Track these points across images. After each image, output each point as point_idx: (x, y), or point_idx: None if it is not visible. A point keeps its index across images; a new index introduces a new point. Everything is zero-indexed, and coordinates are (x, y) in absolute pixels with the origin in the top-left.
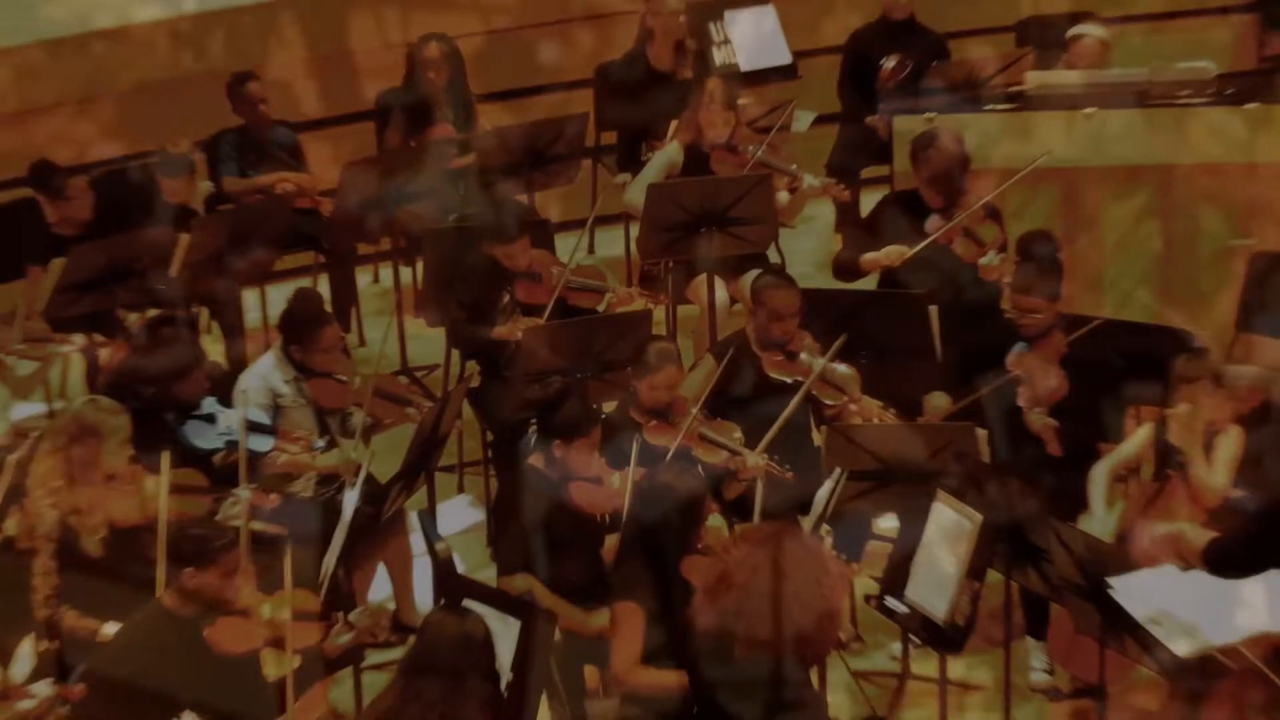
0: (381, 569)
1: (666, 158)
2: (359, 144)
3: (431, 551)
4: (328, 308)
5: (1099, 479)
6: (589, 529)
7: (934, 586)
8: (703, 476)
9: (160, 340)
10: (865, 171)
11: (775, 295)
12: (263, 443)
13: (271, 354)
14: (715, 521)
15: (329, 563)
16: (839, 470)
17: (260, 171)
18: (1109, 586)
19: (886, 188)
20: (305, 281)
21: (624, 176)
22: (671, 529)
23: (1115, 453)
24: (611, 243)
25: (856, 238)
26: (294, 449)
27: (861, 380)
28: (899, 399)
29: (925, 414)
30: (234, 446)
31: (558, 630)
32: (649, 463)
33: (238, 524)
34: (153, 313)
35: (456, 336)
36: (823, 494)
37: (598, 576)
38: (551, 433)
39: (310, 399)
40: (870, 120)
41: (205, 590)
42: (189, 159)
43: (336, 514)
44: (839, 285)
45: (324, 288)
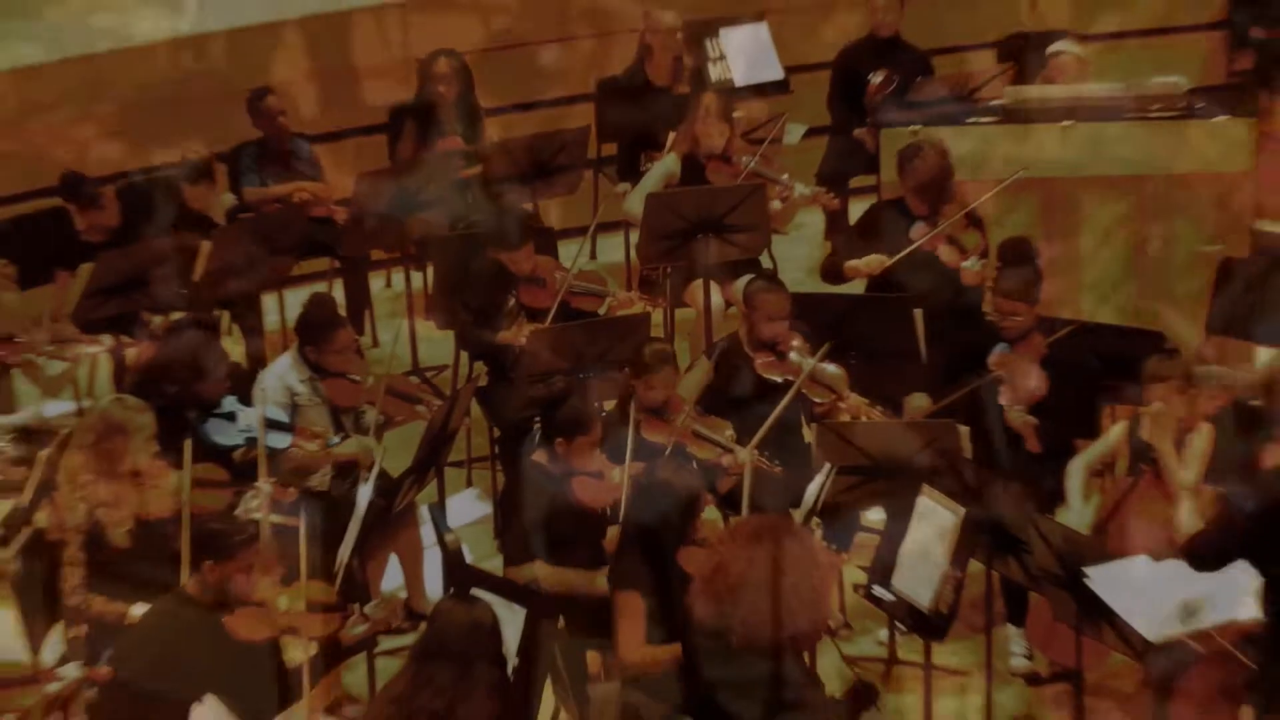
0: (394, 559)
1: (665, 168)
2: (360, 156)
3: (441, 543)
4: (341, 312)
5: (1075, 474)
6: (591, 521)
7: (919, 576)
8: (698, 472)
9: (183, 342)
10: (853, 181)
11: (765, 299)
12: (281, 439)
13: (288, 355)
14: (711, 514)
15: (344, 554)
16: (829, 466)
17: (279, 181)
18: (1085, 576)
19: (874, 196)
20: (321, 286)
21: (624, 186)
22: (669, 521)
23: (1091, 449)
24: (612, 249)
25: (847, 243)
26: (311, 446)
27: (850, 379)
28: (886, 397)
29: (906, 414)
30: (253, 443)
31: (561, 618)
32: (647, 458)
33: (257, 518)
34: (176, 315)
35: (464, 339)
36: (813, 488)
37: (599, 566)
38: (554, 430)
39: (325, 398)
40: (858, 132)
41: (224, 582)
42: (209, 164)
43: (351, 507)
44: (828, 289)
45: (339, 292)
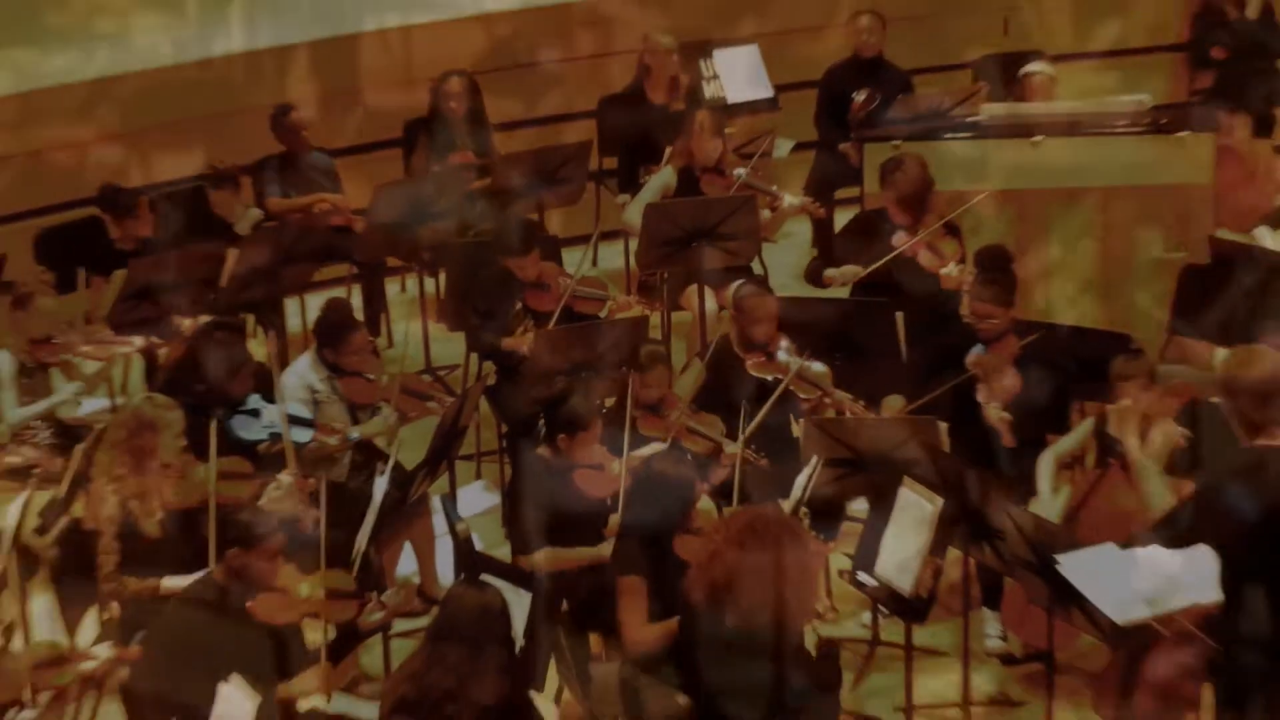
0: (408, 547)
1: (662, 180)
2: (369, 171)
3: (452, 531)
4: (359, 315)
5: (1046, 467)
6: (592, 510)
7: (900, 563)
8: (693, 464)
9: (211, 343)
10: (839, 192)
11: (754, 303)
12: (302, 434)
13: (308, 355)
14: (705, 505)
15: (361, 541)
16: (815, 459)
17: (300, 193)
18: (1056, 563)
19: (858, 207)
20: (340, 291)
21: (624, 197)
22: (666, 511)
23: (1061, 443)
24: (613, 256)
25: (841, 246)
26: (331, 440)
27: (835, 377)
28: (869, 395)
29: (883, 413)
30: (276, 438)
31: (565, 602)
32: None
33: (279, 509)
34: (204, 318)
35: (473, 340)
36: (801, 480)
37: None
38: (558, 426)
39: (343, 395)
40: (843, 147)
41: (248, 569)
42: (233, 173)
43: (368, 499)
44: (815, 293)
45: (357, 297)
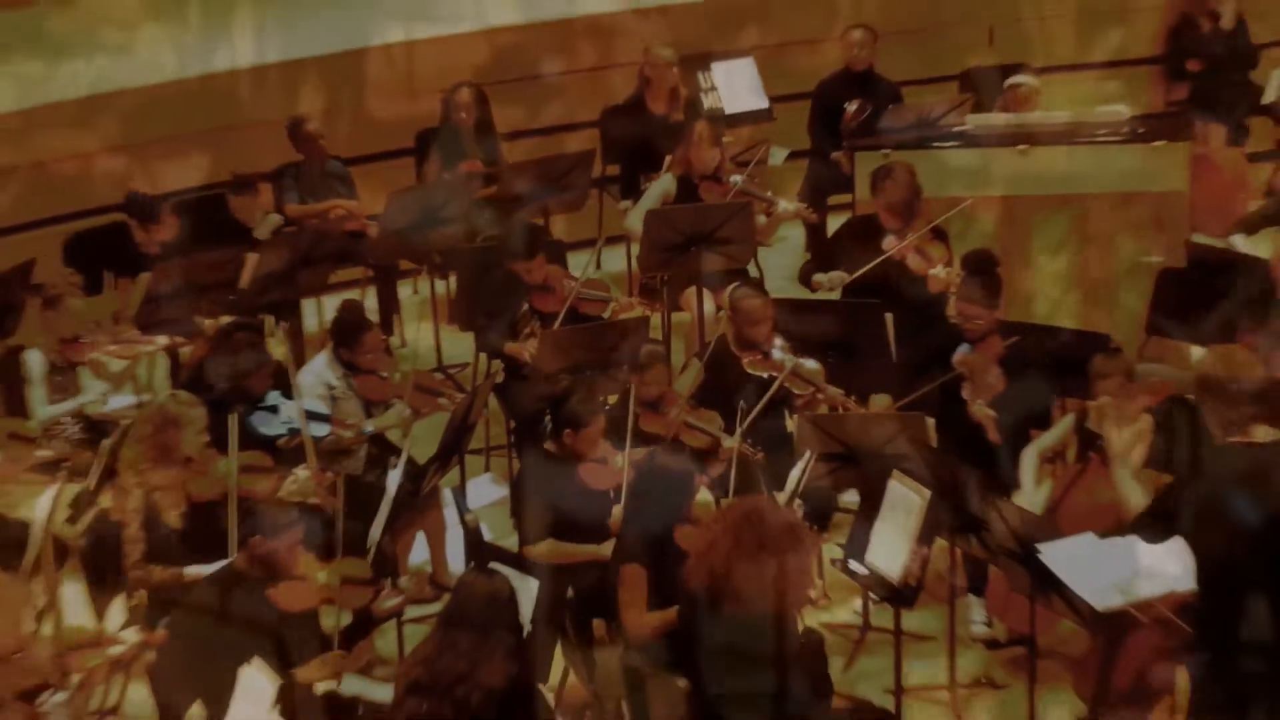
0: (420, 537)
1: (662, 187)
2: (382, 178)
3: (462, 522)
4: (373, 316)
5: (1029, 461)
6: (596, 502)
7: (890, 552)
8: (692, 458)
9: (232, 343)
10: (831, 199)
11: (748, 304)
12: (319, 429)
13: (324, 354)
14: (704, 497)
15: (375, 532)
16: (809, 453)
17: (317, 199)
18: (1038, 552)
19: (849, 213)
20: (355, 293)
21: (626, 203)
22: (667, 503)
23: (1043, 438)
24: (615, 259)
25: (830, 252)
26: (347, 434)
27: (827, 375)
28: (860, 392)
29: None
30: (295, 433)
31: (570, 589)
32: (645, 446)
33: (299, 500)
34: (226, 319)
35: (482, 341)
36: (795, 473)
37: (603, 542)
38: (563, 421)
39: (358, 392)
40: (835, 155)
41: (271, 557)
42: (253, 179)
43: (382, 491)
44: (809, 295)
45: (371, 298)
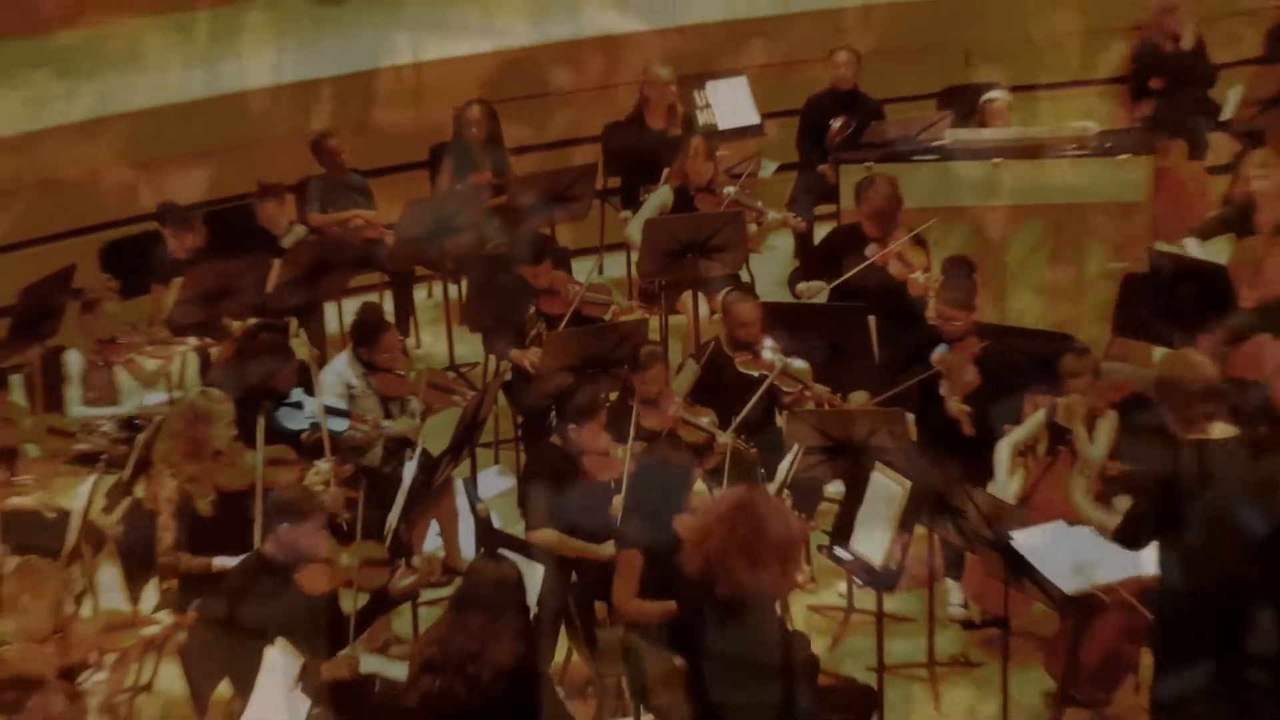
0: (433, 525)
1: (660, 198)
2: (399, 190)
3: (473, 511)
4: (390, 318)
5: (1003, 454)
6: (598, 492)
7: (872, 539)
8: (689, 451)
9: (258, 343)
10: (818, 209)
11: (740, 308)
12: (340, 424)
13: (344, 354)
14: (699, 488)
15: (392, 519)
16: (797, 446)
17: (338, 209)
18: (1011, 539)
19: (835, 222)
20: (373, 297)
21: (626, 213)
22: (666, 493)
23: (1016, 432)
24: (616, 265)
25: (813, 261)
26: (364, 429)
27: (814, 374)
28: (845, 389)
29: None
30: (318, 427)
31: (574, 573)
32: (644, 440)
33: (322, 489)
34: (252, 321)
35: (490, 344)
36: (784, 465)
37: (605, 530)
38: (568, 417)
39: (376, 390)
40: (822, 168)
41: (298, 542)
42: (278, 188)
43: (399, 481)
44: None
45: (388, 302)
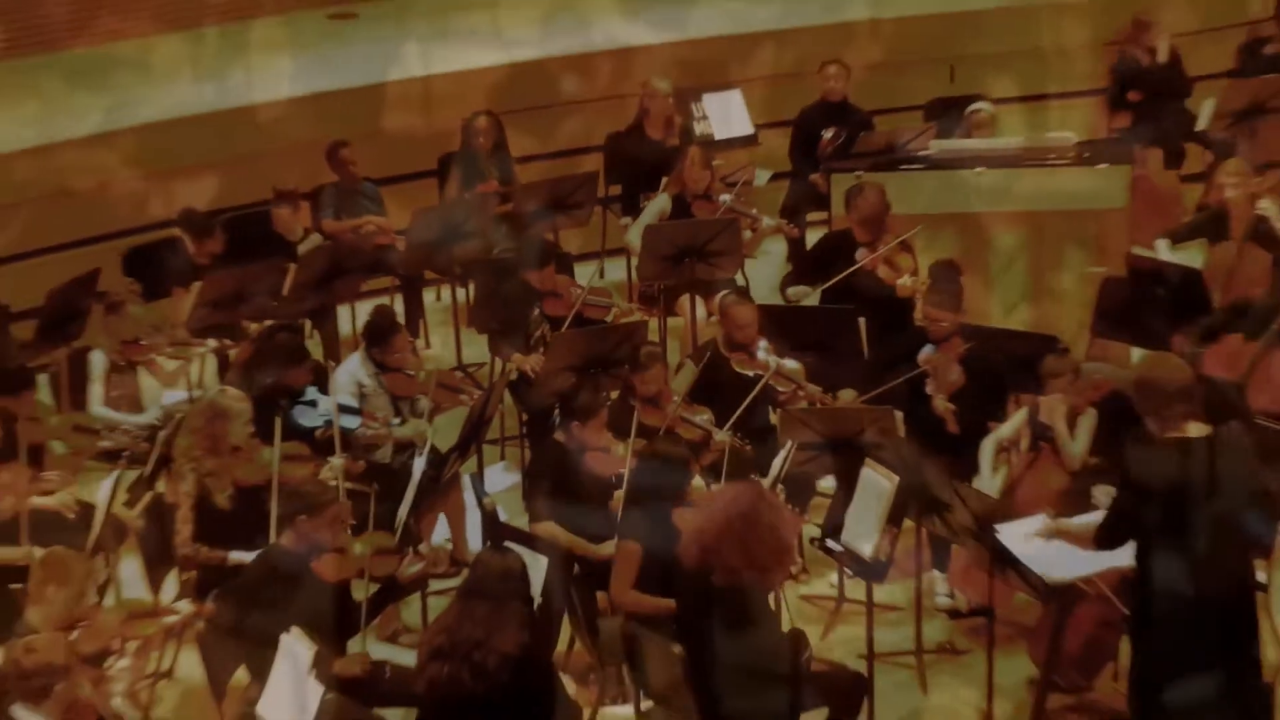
0: (442, 518)
1: (659, 205)
2: (409, 197)
3: (480, 505)
4: (400, 320)
5: (987, 450)
6: (600, 487)
7: (862, 531)
8: (687, 448)
9: (274, 344)
10: (809, 216)
11: (737, 310)
12: (352, 421)
13: (357, 354)
14: (697, 482)
15: (402, 512)
16: (790, 442)
17: (351, 216)
18: (995, 531)
19: (826, 228)
20: (384, 300)
21: (626, 220)
22: (665, 487)
23: (1000, 430)
24: (617, 270)
25: (804, 268)
26: (376, 426)
27: (807, 373)
28: (836, 388)
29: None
30: (330, 425)
31: (577, 565)
32: (644, 438)
33: (336, 483)
34: (269, 323)
35: (495, 346)
36: (778, 461)
37: (607, 523)
38: (570, 414)
39: (387, 389)
40: (813, 177)
41: (315, 533)
42: (294, 194)
43: (408, 476)
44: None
45: (399, 305)
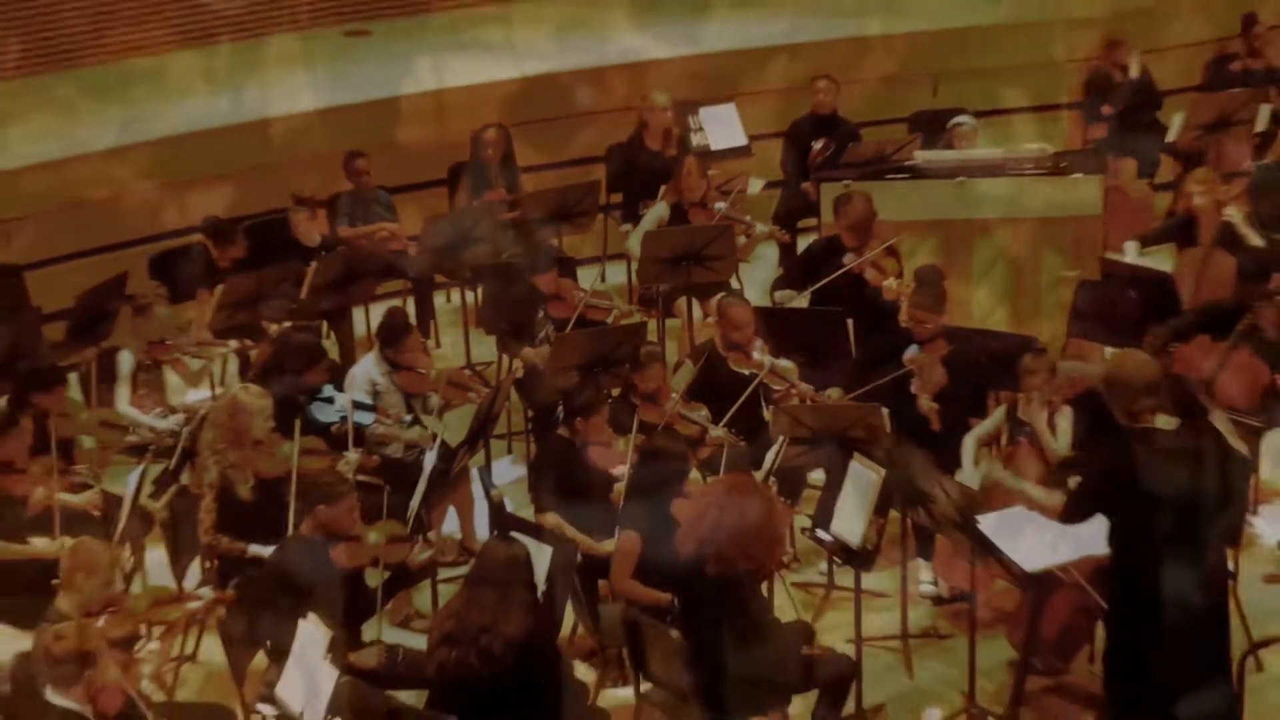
0: (451, 509)
1: (657, 213)
2: (421, 205)
3: (488, 497)
4: (412, 321)
5: (969, 445)
6: (602, 480)
7: (851, 522)
8: (685, 443)
9: (293, 344)
10: (800, 222)
11: (735, 311)
12: (366, 418)
13: (371, 354)
14: (694, 475)
15: (414, 504)
16: (782, 438)
17: (365, 222)
18: (977, 522)
19: (816, 234)
20: (396, 302)
21: (626, 226)
22: (664, 480)
23: (981, 426)
24: (618, 274)
25: (793, 272)
26: (388, 423)
27: (799, 372)
28: (825, 386)
29: None
30: (346, 420)
31: (579, 555)
32: (644, 433)
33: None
34: (288, 324)
35: (503, 344)
36: (770, 455)
37: (608, 514)
38: (574, 411)
39: (399, 387)
40: (804, 185)
41: (333, 522)
42: (312, 200)
43: (419, 470)
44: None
45: (411, 307)
